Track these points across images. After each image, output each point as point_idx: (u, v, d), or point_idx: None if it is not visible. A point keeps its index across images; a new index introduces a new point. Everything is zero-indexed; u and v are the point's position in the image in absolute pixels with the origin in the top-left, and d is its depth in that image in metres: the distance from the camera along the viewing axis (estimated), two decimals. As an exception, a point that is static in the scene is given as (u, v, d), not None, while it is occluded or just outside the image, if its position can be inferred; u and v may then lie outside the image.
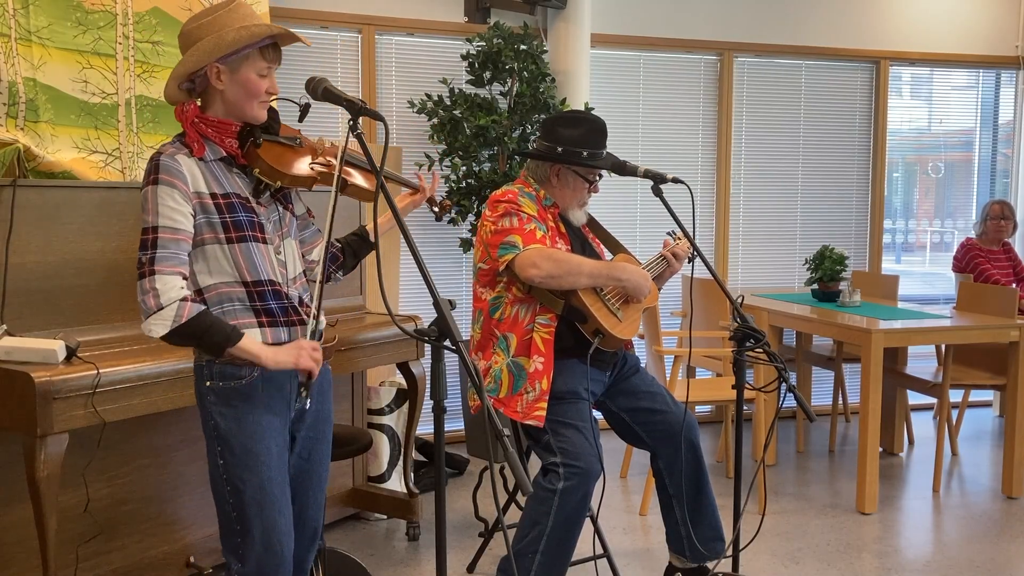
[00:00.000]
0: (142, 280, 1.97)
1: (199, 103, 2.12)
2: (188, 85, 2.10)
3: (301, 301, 2.21)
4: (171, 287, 1.97)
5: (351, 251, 2.42)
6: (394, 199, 2.18)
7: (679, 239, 3.15)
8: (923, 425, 5.70)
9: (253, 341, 2.07)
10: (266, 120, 2.16)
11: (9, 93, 2.86)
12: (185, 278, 2.01)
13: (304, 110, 2.17)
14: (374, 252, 2.08)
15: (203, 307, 2.02)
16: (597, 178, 3.04)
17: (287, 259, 2.19)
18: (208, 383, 2.09)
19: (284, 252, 2.19)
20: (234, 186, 2.11)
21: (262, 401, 2.10)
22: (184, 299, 1.98)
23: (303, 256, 2.31)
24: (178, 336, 1.99)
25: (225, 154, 2.12)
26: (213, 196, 2.06)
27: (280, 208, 2.21)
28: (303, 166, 2.18)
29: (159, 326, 1.97)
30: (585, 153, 2.93)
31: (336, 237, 2.40)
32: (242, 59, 2.07)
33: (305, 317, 2.18)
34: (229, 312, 2.08)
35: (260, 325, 2.10)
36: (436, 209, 2.66)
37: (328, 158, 2.25)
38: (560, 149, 2.93)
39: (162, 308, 1.96)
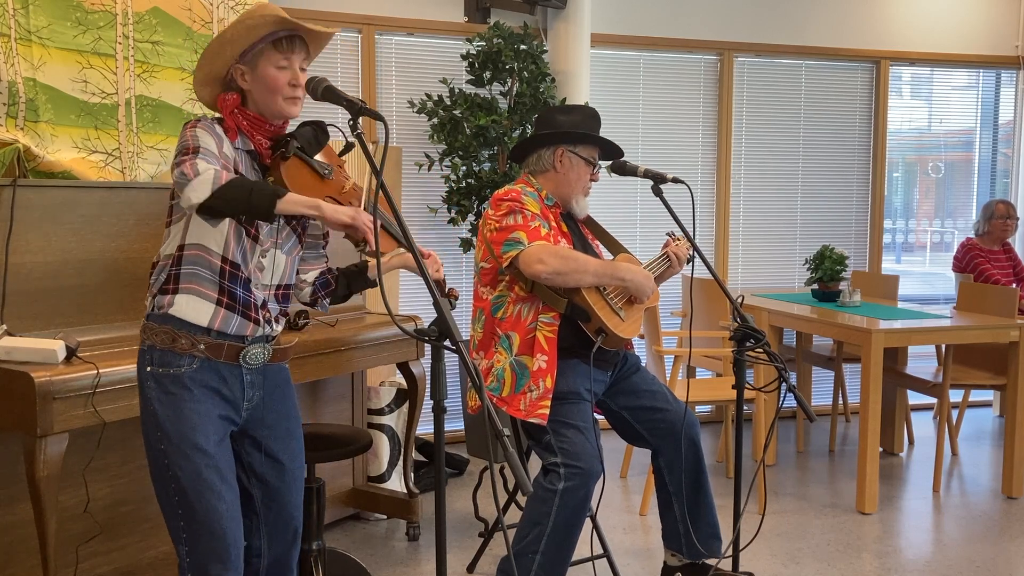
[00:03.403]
0: (181, 166, 1.95)
1: (239, 97, 2.16)
2: (225, 89, 2.15)
3: (264, 304, 2.19)
4: (209, 165, 1.96)
5: (345, 282, 2.39)
6: (393, 250, 2.21)
7: (679, 239, 3.15)
8: (923, 425, 5.70)
9: (302, 197, 2.04)
10: (310, 133, 2.16)
11: (9, 93, 2.86)
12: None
13: (348, 147, 2.17)
14: (376, 254, 2.07)
15: (239, 176, 2.01)
16: (598, 164, 3.06)
17: (267, 265, 2.18)
18: (148, 368, 2.09)
19: (268, 258, 2.17)
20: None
21: (201, 390, 2.10)
22: (220, 170, 1.96)
23: (297, 273, 2.33)
24: (221, 200, 1.94)
25: (252, 148, 2.15)
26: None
27: (281, 219, 2.19)
28: (316, 197, 2.16)
29: (200, 190, 1.92)
30: (587, 133, 2.99)
31: (336, 266, 2.42)
32: (257, 55, 2.10)
33: (262, 320, 2.17)
34: (195, 277, 2.08)
35: (217, 303, 2.09)
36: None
37: (351, 201, 2.23)
38: (562, 131, 2.97)
39: (199, 174, 1.93)
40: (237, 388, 2.16)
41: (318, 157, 2.24)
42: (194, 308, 2.08)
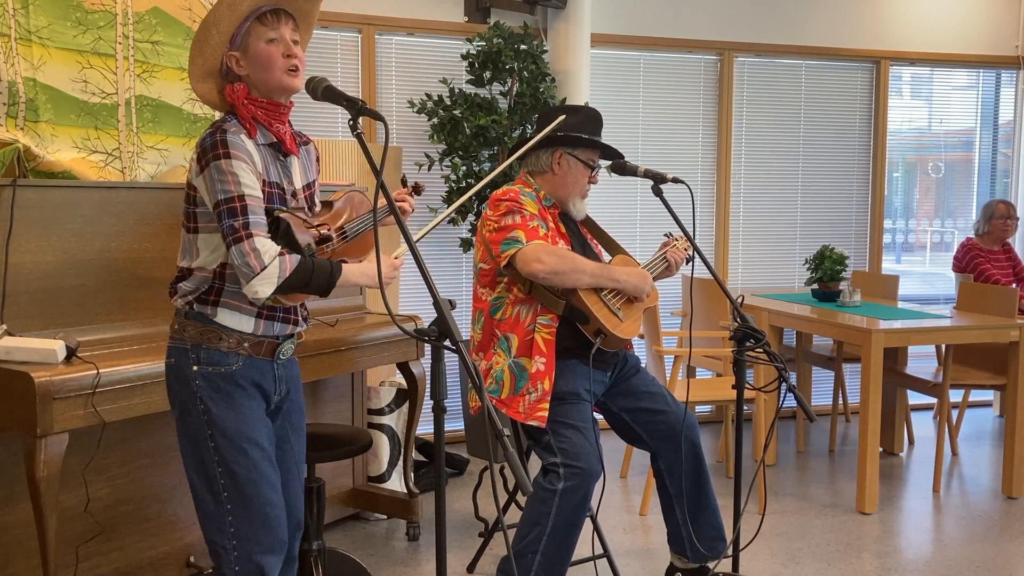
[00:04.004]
0: (240, 244, 1.98)
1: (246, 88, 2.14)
2: (223, 85, 2.14)
3: (303, 303, 2.24)
4: (269, 247, 1.99)
5: None
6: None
7: (677, 239, 3.15)
8: (923, 425, 5.70)
9: (351, 268, 2.12)
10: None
11: (9, 93, 2.86)
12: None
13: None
14: (376, 252, 2.09)
15: (299, 256, 2.04)
16: (597, 166, 3.05)
17: None
18: (196, 367, 2.10)
19: None
20: (276, 175, 2.14)
21: (251, 387, 2.13)
22: (281, 254, 2.00)
23: None
24: (285, 290, 2.02)
25: (274, 139, 2.14)
26: (261, 184, 2.08)
27: (307, 206, 2.24)
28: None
29: (265, 286, 1.99)
30: (585, 137, 2.96)
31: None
32: (246, 36, 2.09)
33: (300, 319, 2.22)
34: (238, 294, 2.11)
35: (258, 315, 2.13)
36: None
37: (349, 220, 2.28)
38: (560, 134, 2.95)
39: (265, 267, 1.97)
40: (271, 381, 2.20)
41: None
42: (236, 320, 2.12)
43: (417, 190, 2.59)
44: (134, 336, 2.91)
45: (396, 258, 2.21)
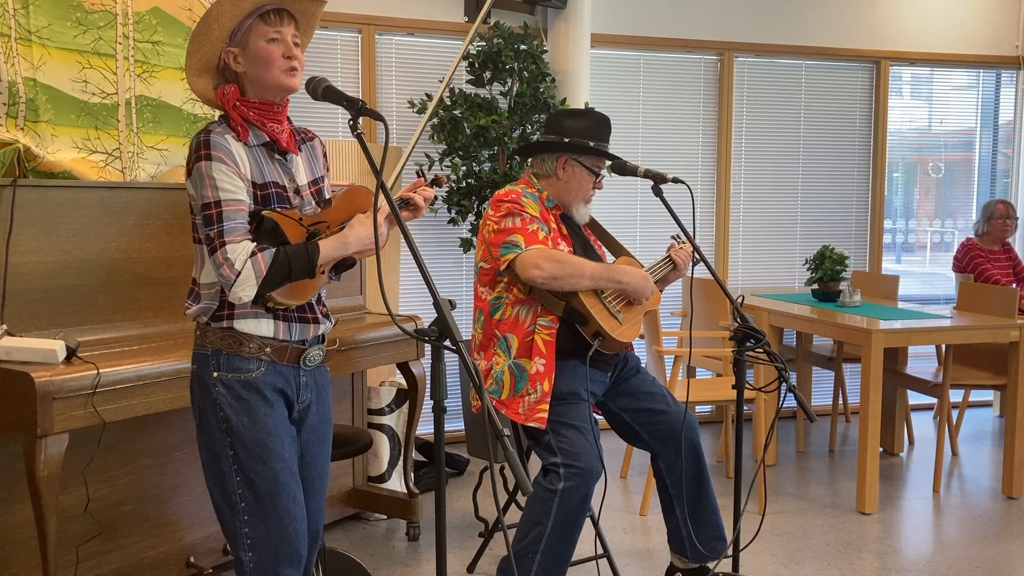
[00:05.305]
0: (214, 255, 1.98)
1: (238, 89, 2.12)
2: (220, 81, 2.12)
3: (319, 299, 2.22)
4: (241, 251, 1.98)
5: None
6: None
7: (683, 242, 3.15)
8: (923, 425, 5.70)
9: (329, 243, 2.09)
10: (270, 239, 2.05)
11: (9, 93, 2.86)
12: (252, 240, 2.02)
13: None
14: (375, 253, 2.08)
15: (272, 249, 2.01)
16: (602, 173, 3.04)
17: None
18: (216, 373, 2.08)
19: None
20: (273, 174, 2.12)
21: (272, 395, 2.11)
22: (253, 254, 1.98)
23: None
24: (268, 287, 2.01)
25: (267, 139, 2.12)
26: (253, 185, 2.07)
27: (314, 202, 2.22)
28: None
29: (246, 289, 1.98)
30: (592, 144, 2.95)
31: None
32: (247, 33, 2.08)
33: (320, 316, 2.20)
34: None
35: (275, 317, 2.11)
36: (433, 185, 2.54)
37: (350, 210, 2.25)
38: (567, 140, 2.94)
39: (240, 273, 1.97)
40: (294, 389, 2.17)
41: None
42: (255, 325, 2.10)
43: (437, 182, 2.48)
44: (134, 336, 2.91)
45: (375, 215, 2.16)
